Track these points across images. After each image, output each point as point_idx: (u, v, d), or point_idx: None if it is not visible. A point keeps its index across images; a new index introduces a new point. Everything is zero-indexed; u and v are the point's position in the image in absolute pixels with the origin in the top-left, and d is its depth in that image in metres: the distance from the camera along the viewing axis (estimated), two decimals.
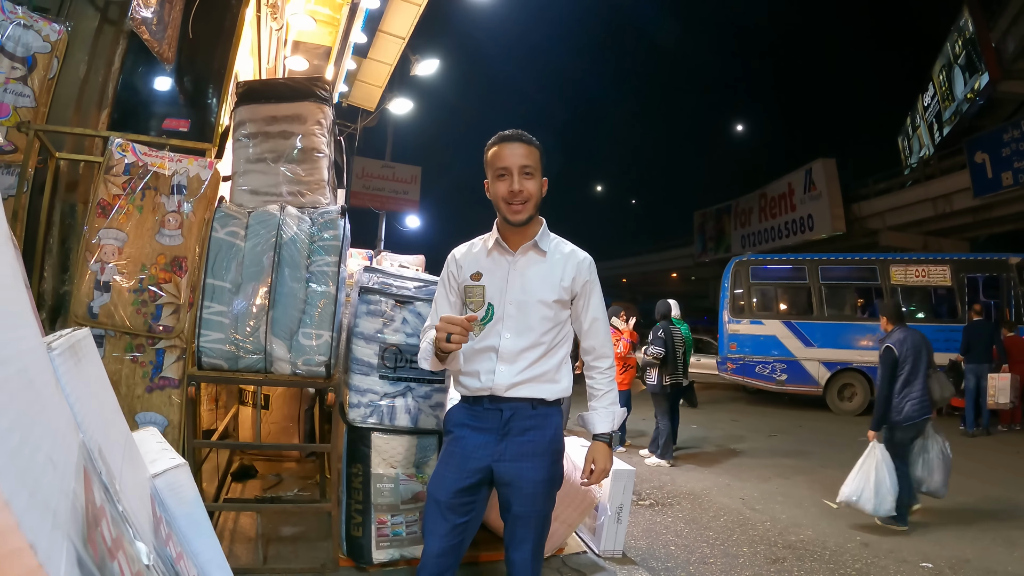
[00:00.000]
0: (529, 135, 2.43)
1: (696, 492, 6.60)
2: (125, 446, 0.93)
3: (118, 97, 4.28)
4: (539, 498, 2.36)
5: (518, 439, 2.37)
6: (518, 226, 2.41)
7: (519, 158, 2.36)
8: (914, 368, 5.50)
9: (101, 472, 0.68)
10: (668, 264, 39.34)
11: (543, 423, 2.40)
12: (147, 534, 0.81)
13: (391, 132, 22.08)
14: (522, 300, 2.40)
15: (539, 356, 2.40)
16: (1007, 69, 19.02)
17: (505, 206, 2.38)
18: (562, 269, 2.45)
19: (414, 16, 9.35)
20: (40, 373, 0.53)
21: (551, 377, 2.42)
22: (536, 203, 2.41)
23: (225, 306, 3.27)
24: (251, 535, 3.85)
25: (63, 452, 0.53)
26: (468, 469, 2.37)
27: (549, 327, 2.42)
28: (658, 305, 8.40)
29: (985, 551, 5.02)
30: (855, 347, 12.88)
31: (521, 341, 2.39)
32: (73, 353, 0.78)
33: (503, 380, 2.37)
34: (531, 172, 2.38)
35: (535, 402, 2.40)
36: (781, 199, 25.84)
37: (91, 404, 0.78)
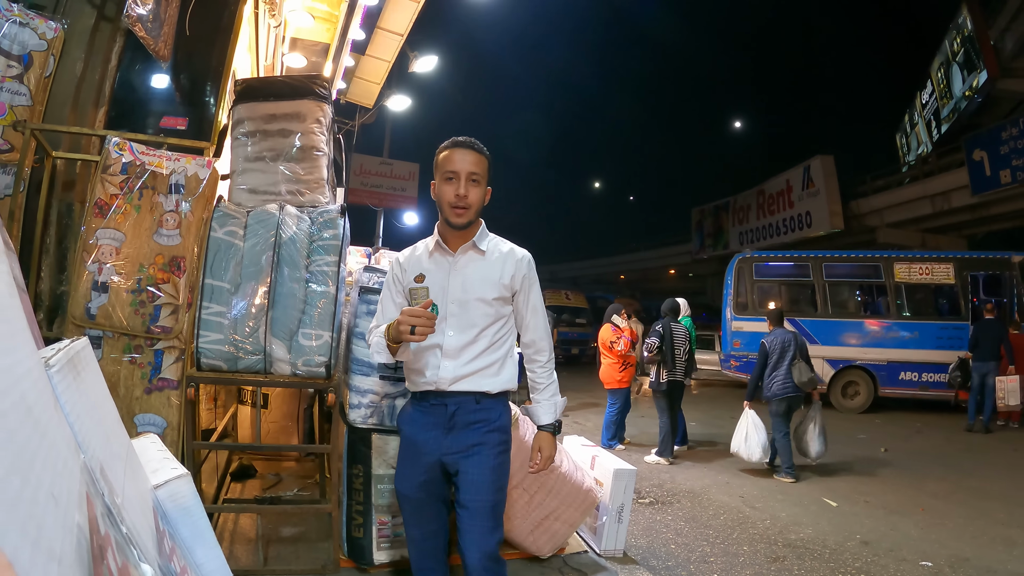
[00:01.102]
0: (481, 145, 2.54)
1: (696, 490, 6.60)
2: (126, 459, 0.91)
3: (115, 95, 4.26)
4: (484, 488, 2.44)
5: (463, 432, 2.48)
6: (460, 229, 2.52)
7: (468, 164, 2.47)
8: (780, 358, 7.33)
9: (103, 493, 0.66)
10: (666, 261, 39.43)
11: (488, 416, 2.50)
12: (151, 552, 0.79)
13: (389, 129, 22.07)
14: (463, 298, 2.50)
15: (481, 350, 2.49)
16: (1006, 67, 19.02)
17: (449, 209, 2.48)
18: (501, 267, 2.54)
19: (413, 13, 9.30)
20: (39, 396, 0.50)
21: (494, 371, 2.51)
22: (478, 209, 2.52)
23: (224, 306, 3.24)
24: (251, 536, 3.84)
25: (65, 482, 0.50)
26: (422, 464, 2.50)
27: (490, 322, 2.51)
28: (666, 302, 8.38)
29: (984, 550, 5.02)
30: (859, 345, 12.83)
31: (464, 337, 2.48)
32: (72, 367, 0.76)
33: (447, 374, 2.47)
34: (478, 180, 2.49)
35: (478, 395, 2.49)
36: (779, 196, 25.88)
37: (92, 419, 0.76)
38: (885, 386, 12.56)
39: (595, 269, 47.16)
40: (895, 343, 12.65)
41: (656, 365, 7.90)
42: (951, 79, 22.03)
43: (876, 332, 12.85)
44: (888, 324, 12.81)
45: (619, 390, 8.46)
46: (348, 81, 11.42)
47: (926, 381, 12.40)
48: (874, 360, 12.67)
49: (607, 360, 8.54)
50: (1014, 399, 10.46)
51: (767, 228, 26.85)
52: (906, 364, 12.52)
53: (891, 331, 12.75)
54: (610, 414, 8.57)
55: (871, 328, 12.94)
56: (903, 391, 12.58)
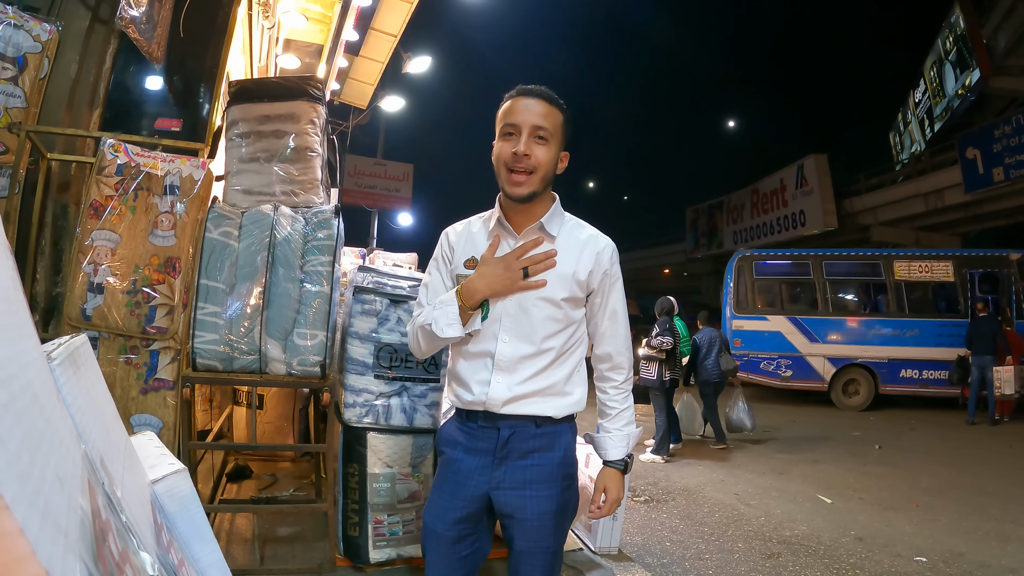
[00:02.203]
0: (555, 95, 2.00)
1: (691, 488, 6.61)
2: (125, 453, 0.93)
3: (110, 97, 4.26)
4: (546, 532, 1.96)
5: (519, 464, 1.97)
6: (521, 202, 1.97)
7: (534, 116, 1.93)
8: (708, 351, 9.02)
9: (104, 483, 0.68)
10: (660, 260, 39.41)
11: (550, 444, 1.99)
12: (150, 543, 0.81)
13: (383, 129, 22.11)
14: (523, 297, 1.96)
15: (545, 366, 1.98)
16: (998, 65, 19.03)
17: (506, 173, 1.95)
18: (577, 258, 2.00)
19: (406, 14, 9.32)
20: (43, 386, 0.52)
21: (559, 390, 2.00)
22: (545, 176, 1.96)
23: (219, 307, 3.25)
24: (248, 536, 3.85)
25: (69, 467, 0.52)
26: (464, 497, 1.98)
27: (557, 330, 1.99)
28: (661, 301, 8.33)
29: (978, 545, 5.04)
30: (860, 343, 12.86)
31: (522, 347, 1.97)
32: (72, 361, 0.78)
33: (499, 394, 1.95)
34: (545, 137, 1.94)
35: (539, 420, 1.98)
36: (773, 195, 25.90)
37: (92, 413, 0.77)
38: (886, 384, 12.61)
39: None
40: (895, 341, 12.69)
41: (658, 363, 7.89)
42: (944, 77, 22.06)
43: (876, 330, 12.89)
44: (888, 322, 12.85)
45: None
46: (342, 82, 11.43)
47: (927, 378, 12.46)
48: (875, 358, 12.70)
49: None
50: (1009, 388, 10.76)
51: (761, 227, 26.88)
52: (907, 362, 12.58)
53: (891, 329, 12.79)
54: None
55: (871, 326, 12.98)
56: (904, 388, 12.63)
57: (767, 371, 13.13)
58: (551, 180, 2.00)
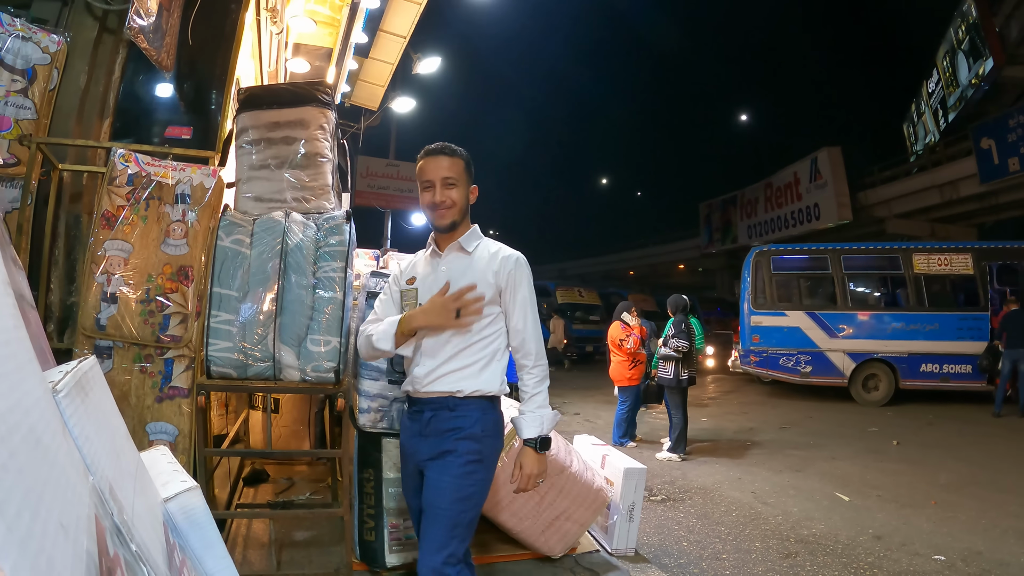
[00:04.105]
0: (453, 146, 2.55)
1: (707, 487, 6.59)
2: (136, 474, 0.93)
3: (119, 106, 4.28)
4: (442, 493, 2.35)
5: (436, 439, 2.42)
6: (445, 231, 2.54)
7: (442, 170, 2.49)
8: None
9: (112, 513, 0.68)
10: (675, 256, 39.34)
11: (462, 423, 2.41)
12: (161, 567, 0.81)
13: (394, 131, 22.14)
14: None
15: (459, 349, 2.43)
16: (1011, 54, 18.87)
17: (431, 212, 2.53)
18: (487, 264, 2.49)
19: (415, 15, 9.34)
20: (47, 425, 0.52)
21: (473, 371, 2.42)
22: (461, 209, 2.53)
23: (232, 314, 3.26)
24: (264, 541, 3.87)
25: (74, 508, 0.52)
26: (409, 471, 2.55)
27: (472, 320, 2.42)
28: (675, 299, 8.28)
29: (997, 543, 5.00)
30: (880, 337, 12.72)
31: (444, 336, 2.44)
32: (80, 389, 0.77)
33: (421, 372, 2.45)
34: (454, 182, 2.50)
35: (454, 401, 2.41)
36: (787, 188, 25.83)
37: (100, 440, 0.77)
38: (906, 379, 12.46)
39: (604, 266, 47.06)
40: (915, 335, 12.52)
41: (675, 363, 7.86)
42: (957, 67, 21.89)
43: (896, 324, 12.73)
44: (908, 316, 12.70)
45: (629, 388, 8.45)
46: (352, 84, 11.47)
47: (947, 372, 12.30)
48: (895, 352, 12.55)
49: (617, 358, 8.53)
50: None
51: (775, 221, 26.79)
52: (927, 356, 12.42)
53: (911, 323, 12.62)
54: (621, 412, 8.56)
55: (891, 320, 12.83)
56: (924, 383, 12.47)
57: (786, 367, 12.99)
58: (467, 211, 2.59)
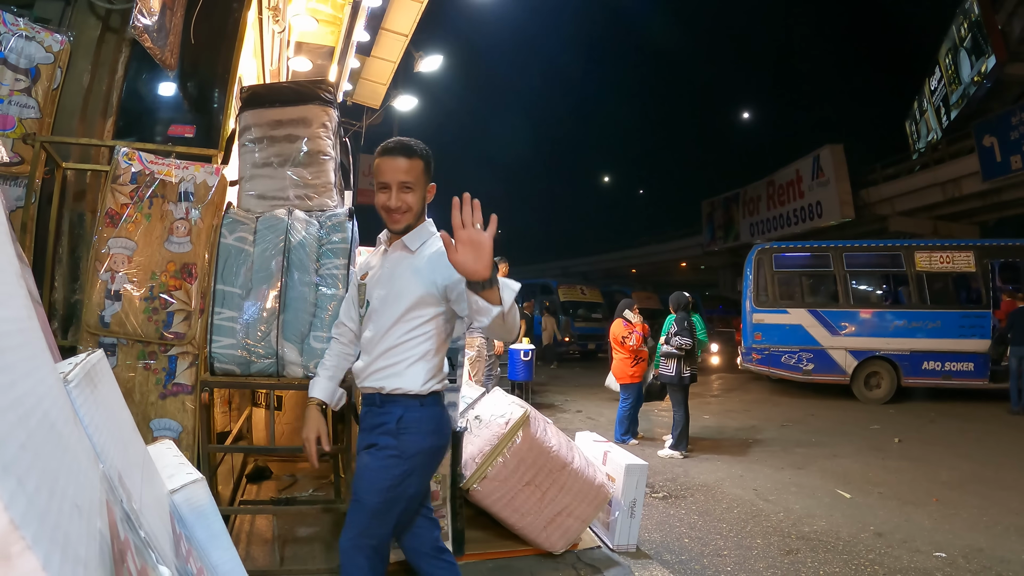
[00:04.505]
0: (412, 145, 2.45)
1: (709, 484, 6.60)
2: (143, 465, 0.95)
3: (122, 105, 4.30)
4: (364, 487, 2.38)
5: (367, 434, 2.48)
6: (399, 235, 2.50)
7: (399, 173, 2.40)
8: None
9: (122, 500, 0.69)
10: (677, 254, 39.28)
11: (384, 420, 2.42)
12: (168, 555, 0.83)
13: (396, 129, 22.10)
14: (383, 294, 2.46)
15: (389, 347, 2.41)
16: (1014, 51, 18.82)
17: (386, 215, 2.47)
18: (427, 264, 2.43)
19: (416, 13, 9.34)
20: (60, 412, 0.54)
21: (397, 370, 2.41)
22: (416, 212, 2.47)
23: (236, 311, 3.28)
24: (268, 537, 3.89)
25: (87, 492, 0.54)
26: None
27: (400, 319, 2.41)
28: (676, 297, 8.28)
29: (998, 540, 5.01)
30: (882, 335, 12.71)
31: (378, 333, 2.44)
32: (89, 380, 0.79)
33: (358, 367, 2.53)
34: (411, 186, 2.42)
35: (381, 396, 2.44)
36: (789, 186, 25.78)
37: (109, 430, 0.79)
38: (908, 376, 12.45)
39: (606, 263, 47.01)
40: (917, 333, 12.51)
41: (676, 360, 7.87)
42: (959, 65, 21.85)
43: (898, 322, 12.72)
44: (910, 313, 12.68)
45: (631, 385, 8.46)
46: (354, 83, 11.48)
47: (949, 370, 12.29)
48: (897, 350, 12.54)
49: (619, 355, 8.54)
50: None
51: (778, 219, 26.75)
52: (929, 353, 12.41)
53: (913, 321, 12.60)
54: (623, 409, 8.57)
55: (893, 318, 12.82)
56: (926, 381, 12.48)
57: (788, 365, 12.98)
58: (422, 212, 2.52)
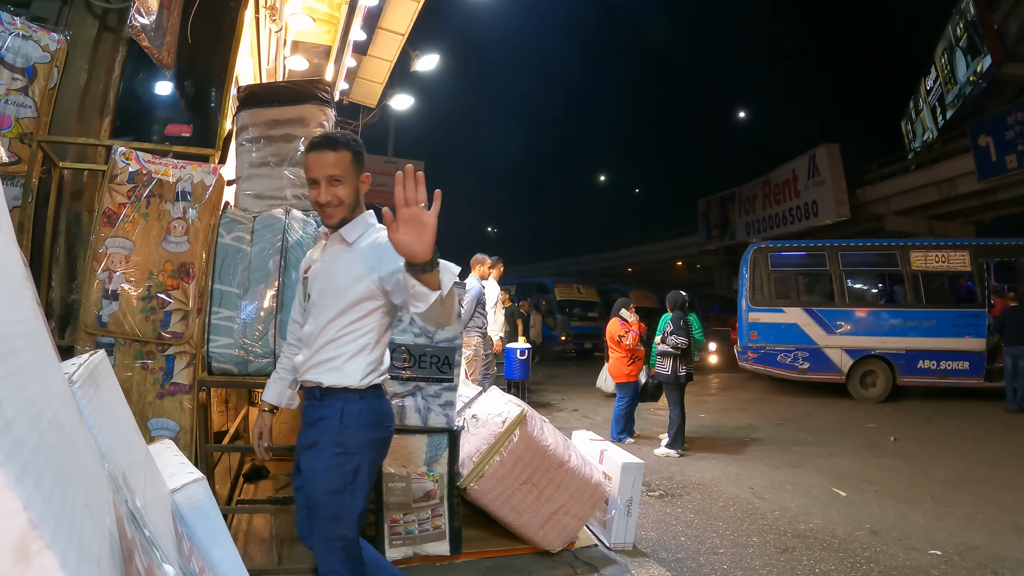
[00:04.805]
0: (338, 137, 2.44)
1: (705, 482, 6.61)
2: (145, 465, 0.95)
3: (120, 104, 4.30)
4: (317, 490, 2.36)
5: (307, 429, 2.46)
6: (334, 229, 2.47)
7: (327, 168, 2.37)
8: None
9: (127, 499, 0.70)
10: (673, 253, 39.29)
11: (324, 414, 2.40)
12: (172, 554, 0.83)
13: (393, 128, 22.18)
14: (322, 288, 2.44)
15: (327, 341, 2.39)
16: (1010, 51, 18.86)
17: (319, 210, 2.44)
18: (363, 258, 2.38)
19: (413, 12, 9.35)
20: (68, 413, 0.54)
21: (338, 365, 2.39)
22: (350, 205, 2.43)
23: (233, 311, 3.29)
24: (265, 536, 3.89)
25: (96, 491, 0.55)
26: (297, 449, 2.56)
27: (341, 313, 2.38)
28: (673, 296, 8.28)
29: (993, 538, 5.03)
30: (878, 334, 12.71)
31: (317, 327, 2.42)
32: (92, 381, 0.80)
33: (299, 361, 2.49)
34: (340, 179, 2.39)
35: (320, 390, 2.42)
36: (785, 185, 25.79)
37: (113, 429, 0.79)
38: (904, 375, 12.45)
39: (603, 262, 47.02)
40: (913, 332, 12.50)
41: (672, 359, 7.88)
42: (955, 64, 21.90)
43: (894, 321, 12.72)
44: (906, 312, 12.68)
45: (627, 384, 8.46)
46: (351, 82, 11.48)
47: (945, 369, 12.29)
48: (892, 349, 12.54)
49: (615, 354, 8.54)
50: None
51: (774, 218, 26.76)
52: (924, 352, 12.40)
53: (908, 319, 12.60)
54: (619, 408, 8.58)
55: (889, 317, 12.81)
56: (922, 380, 12.49)
57: (784, 364, 12.98)
58: (357, 203, 2.47)
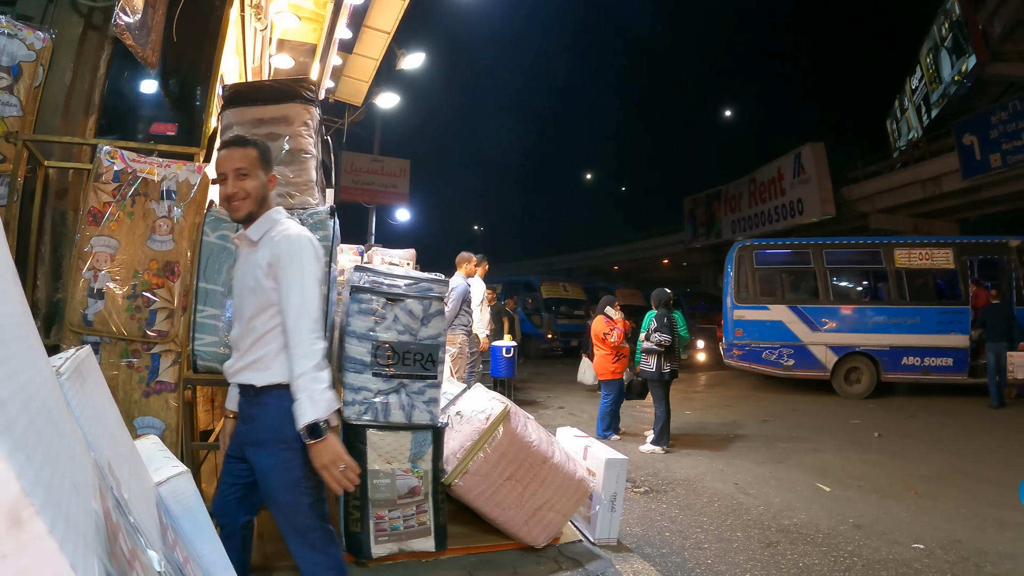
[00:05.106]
0: (247, 137, 2.57)
1: (690, 478, 6.65)
2: (130, 457, 0.97)
3: (105, 103, 4.30)
4: (273, 487, 2.40)
5: (245, 426, 2.49)
6: (242, 222, 2.49)
7: (234, 161, 2.43)
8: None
9: (113, 487, 0.72)
10: (659, 251, 39.39)
11: (263, 412, 2.41)
12: (156, 542, 0.85)
13: (379, 126, 22.11)
14: (239, 291, 2.51)
15: (252, 343, 2.42)
16: (995, 51, 19.02)
17: (226, 205, 2.47)
18: (262, 255, 2.42)
19: (399, 10, 9.33)
20: (56, 402, 0.57)
21: (264, 364, 2.41)
22: (256, 199, 2.46)
23: (218, 309, 3.30)
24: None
25: (83, 475, 0.57)
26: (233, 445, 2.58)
27: (257, 313, 2.41)
28: (658, 293, 8.34)
29: (976, 531, 5.08)
30: (862, 330, 12.82)
31: (240, 328, 2.47)
32: (79, 374, 0.82)
33: (228, 365, 2.52)
34: (246, 173, 2.43)
35: (252, 389, 2.44)
36: (771, 184, 25.89)
37: (99, 422, 0.82)
38: (888, 372, 12.57)
39: (589, 260, 47.09)
40: (897, 328, 12.61)
41: (657, 356, 7.92)
42: (940, 64, 22.05)
43: (878, 318, 12.83)
44: (889, 310, 12.80)
45: (613, 381, 8.50)
46: (336, 80, 11.45)
47: (928, 365, 12.41)
48: (876, 346, 12.66)
49: (600, 352, 8.58)
50: (1022, 372, 11.09)
51: (759, 216, 26.87)
52: (908, 349, 12.52)
53: (892, 316, 12.71)
54: (604, 405, 8.62)
55: (873, 314, 12.92)
56: (906, 376, 12.60)
57: (769, 360, 13.07)
58: (264, 199, 2.49)
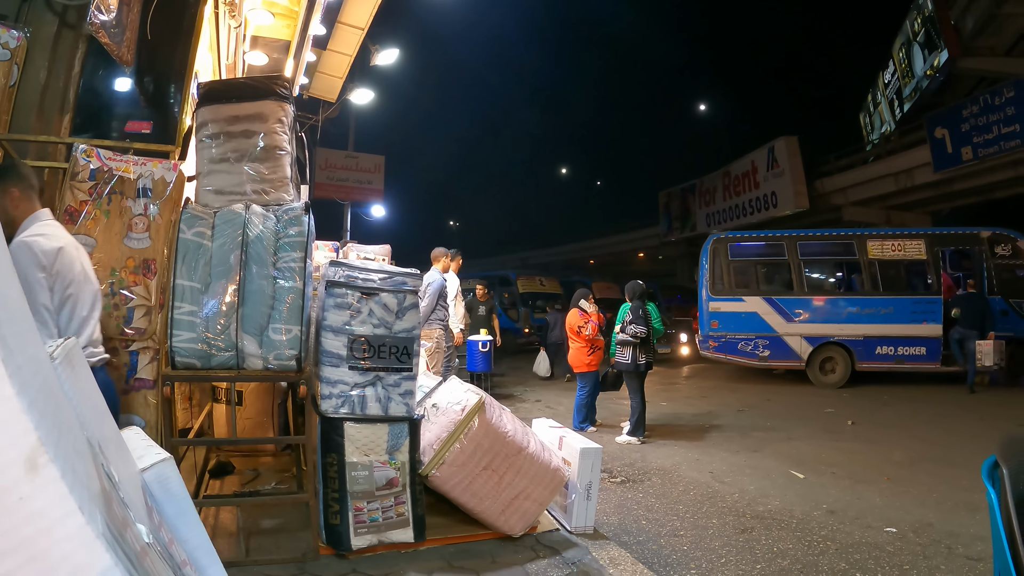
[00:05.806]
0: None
1: (666, 468, 6.73)
2: (116, 442, 1.02)
3: (80, 101, 4.29)
4: None
5: None
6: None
7: None
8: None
9: (103, 464, 0.77)
10: (635, 244, 39.58)
11: None
12: (143, 519, 0.90)
13: (353, 122, 22.04)
14: None
15: None
16: (966, 46, 19.23)
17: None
18: None
19: (373, 6, 9.33)
20: (54, 380, 0.62)
21: None
22: None
23: (195, 306, 3.32)
24: (232, 529, 3.93)
25: (82, 444, 0.63)
26: None
27: None
28: (632, 286, 8.39)
29: (948, 515, 5.17)
30: (836, 321, 13.00)
31: None
32: (69, 361, 0.87)
33: None
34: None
35: None
36: (745, 177, 26.09)
37: (87, 405, 0.86)
38: (862, 361, 12.74)
39: (565, 255, 47.20)
40: (870, 319, 12.78)
41: (632, 348, 7.99)
42: (912, 58, 22.26)
43: (851, 308, 13.00)
44: (863, 300, 12.96)
45: (588, 373, 8.56)
46: (310, 76, 11.42)
47: (902, 355, 12.61)
48: (850, 336, 12.83)
49: (575, 344, 8.63)
50: (988, 360, 11.39)
51: (734, 209, 27.07)
52: (882, 339, 12.71)
53: (866, 307, 12.88)
54: (580, 397, 8.67)
55: (847, 305, 13.10)
56: (880, 365, 12.79)
57: (745, 352, 13.21)
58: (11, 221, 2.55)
